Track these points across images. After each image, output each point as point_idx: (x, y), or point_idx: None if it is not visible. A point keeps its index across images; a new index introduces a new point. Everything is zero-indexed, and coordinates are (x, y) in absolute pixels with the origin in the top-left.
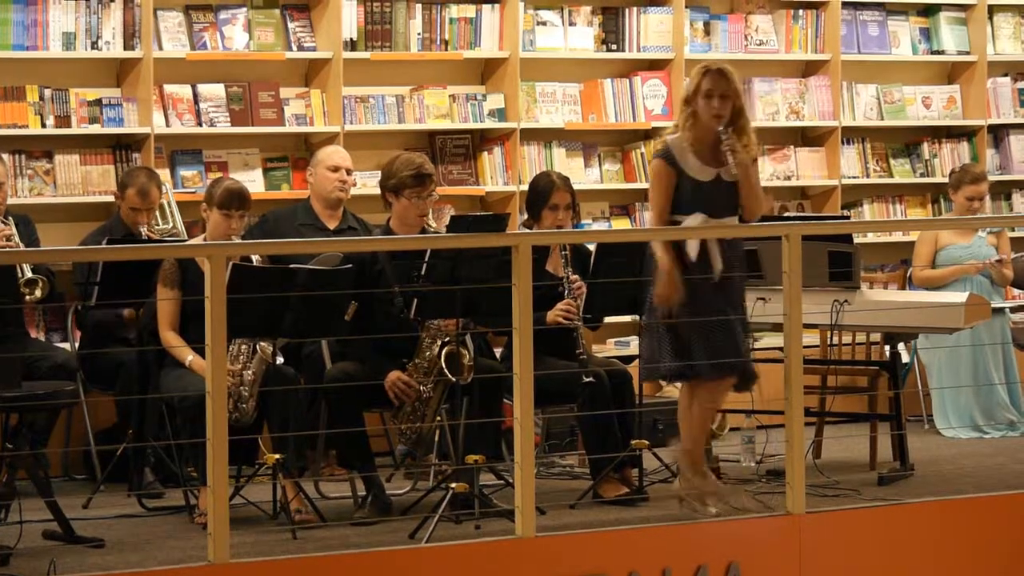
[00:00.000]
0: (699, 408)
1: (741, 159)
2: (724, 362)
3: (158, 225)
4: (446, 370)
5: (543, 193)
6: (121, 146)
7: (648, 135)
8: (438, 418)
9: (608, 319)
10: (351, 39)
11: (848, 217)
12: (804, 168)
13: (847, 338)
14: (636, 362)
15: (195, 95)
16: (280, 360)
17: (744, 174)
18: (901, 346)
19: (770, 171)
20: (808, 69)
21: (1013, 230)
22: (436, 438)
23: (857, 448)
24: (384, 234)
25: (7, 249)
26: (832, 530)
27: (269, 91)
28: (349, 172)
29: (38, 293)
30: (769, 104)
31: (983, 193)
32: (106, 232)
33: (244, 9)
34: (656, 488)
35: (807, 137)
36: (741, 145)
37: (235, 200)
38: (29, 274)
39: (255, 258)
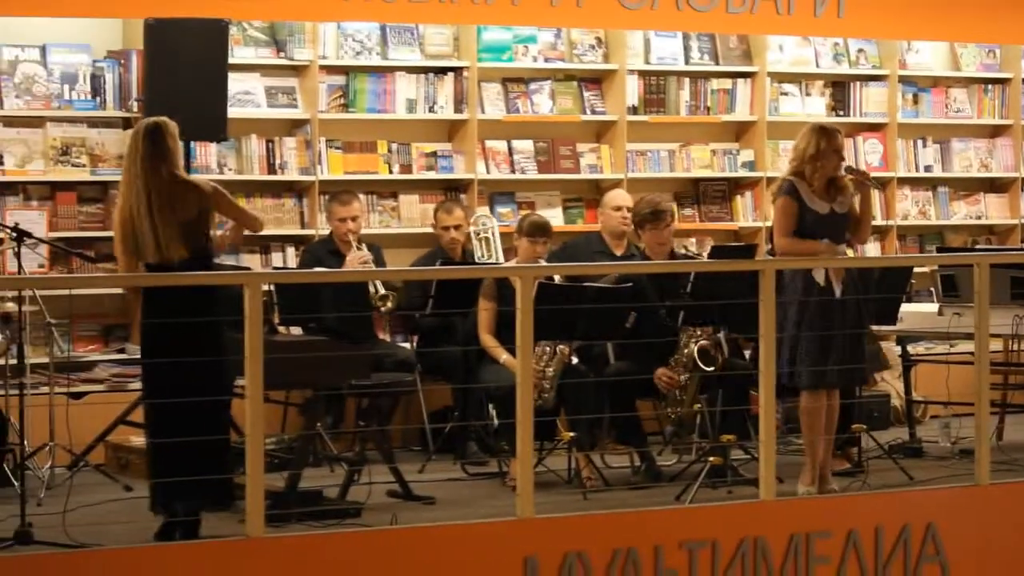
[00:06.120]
0: (805, 413)
1: (872, 183)
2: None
3: (481, 255)
4: (699, 362)
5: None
6: (451, 188)
7: None
8: (698, 405)
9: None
10: (633, 105)
11: None
12: (991, 210)
13: None
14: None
15: (510, 149)
16: (575, 359)
17: (866, 195)
18: None
19: (964, 212)
20: (995, 132)
21: None
22: (697, 421)
23: None
24: (641, 259)
25: (365, 269)
26: (1012, 498)
27: (568, 146)
28: (631, 211)
29: (390, 304)
30: (964, 159)
31: None
32: (431, 257)
33: (549, 81)
34: (872, 463)
35: (994, 185)
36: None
37: (539, 230)
38: (383, 290)
39: (556, 278)
